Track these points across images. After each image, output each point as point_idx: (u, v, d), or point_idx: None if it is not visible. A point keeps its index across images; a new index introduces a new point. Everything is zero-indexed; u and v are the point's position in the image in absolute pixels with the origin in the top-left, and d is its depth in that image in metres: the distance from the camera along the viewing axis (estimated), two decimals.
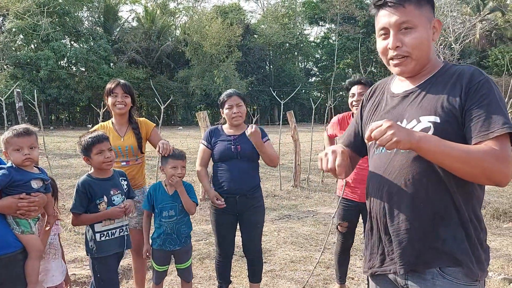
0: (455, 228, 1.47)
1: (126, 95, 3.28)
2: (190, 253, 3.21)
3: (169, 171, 3.02)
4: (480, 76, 1.48)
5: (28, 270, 2.20)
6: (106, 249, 2.68)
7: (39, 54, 33.09)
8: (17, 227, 2.17)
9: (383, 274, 1.64)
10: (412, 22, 1.50)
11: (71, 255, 4.65)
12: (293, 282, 3.94)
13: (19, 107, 5.49)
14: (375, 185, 1.63)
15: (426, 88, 1.56)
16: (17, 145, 2.17)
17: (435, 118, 1.48)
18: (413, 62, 1.54)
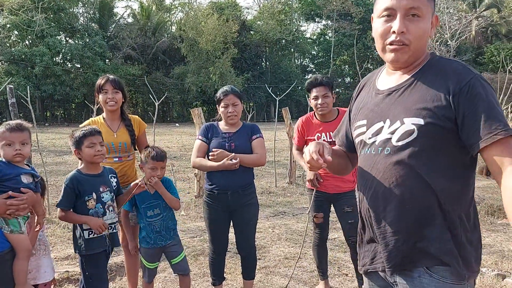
0: (440, 229, 1.45)
1: (116, 90, 3.25)
2: (180, 246, 3.18)
3: (148, 172, 3.00)
4: (469, 75, 1.42)
5: (16, 271, 2.18)
6: (95, 247, 2.65)
7: (34, 50, 32.87)
8: (6, 226, 2.14)
9: (374, 271, 1.63)
10: (421, 10, 1.45)
11: (64, 252, 4.62)
12: (287, 279, 3.93)
13: (11, 103, 5.44)
14: (362, 185, 1.61)
15: (411, 86, 1.51)
16: (9, 140, 2.15)
17: (418, 120, 1.44)
18: (410, 52, 1.49)
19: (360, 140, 1.64)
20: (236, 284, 3.78)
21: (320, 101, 3.36)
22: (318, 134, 3.44)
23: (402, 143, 1.46)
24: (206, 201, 3.31)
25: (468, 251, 1.46)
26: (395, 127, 1.48)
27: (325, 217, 3.54)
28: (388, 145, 1.50)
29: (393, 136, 1.49)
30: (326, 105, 3.36)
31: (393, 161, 1.48)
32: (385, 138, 1.51)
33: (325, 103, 3.35)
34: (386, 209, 1.50)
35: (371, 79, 1.73)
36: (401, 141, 1.46)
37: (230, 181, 3.15)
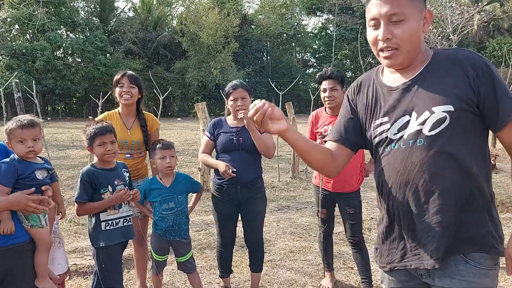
0: (480, 212, 1.50)
1: (132, 85, 3.27)
2: (189, 247, 3.23)
3: (159, 163, 3.05)
4: (479, 59, 1.50)
5: (37, 263, 2.22)
6: (110, 239, 2.69)
7: (35, 44, 32.83)
8: (26, 221, 2.17)
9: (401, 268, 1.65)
10: (404, 14, 1.48)
11: (71, 245, 4.66)
12: (293, 272, 3.98)
13: (17, 98, 5.46)
14: (395, 182, 1.59)
15: (427, 79, 1.54)
16: (21, 137, 2.16)
17: (448, 107, 1.47)
18: (402, 55, 1.52)
19: (385, 137, 1.62)
20: (242, 277, 3.82)
21: (327, 93, 3.39)
22: (325, 127, 3.46)
23: (435, 132, 1.49)
24: (215, 195, 3.34)
25: (500, 229, 1.54)
26: (424, 118, 1.50)
27: (329, 213, 3.57)
28: (420, 136, 1.51)
29: (423, 126, 1.51)
30: (333, 98, 3.38)
31: (429, 151, 1.50)
32: (415, 130, 1.52)
33: (332, 96, 3.37)
34: (429, 200, 1.51)
35: (371, 78, 1.73)
36: (434, 130, 1.49)
37: (240, 175, 3.18)
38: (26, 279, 2.17)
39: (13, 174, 2.11)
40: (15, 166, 2.13)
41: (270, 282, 3.76)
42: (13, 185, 2.11)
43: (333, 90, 3.38)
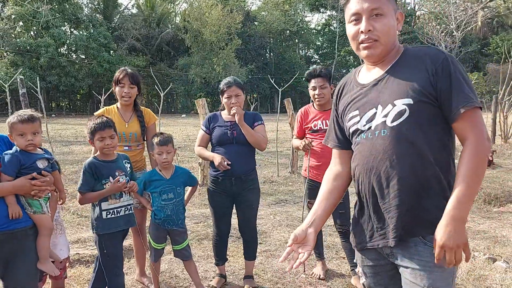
0: (437, 198, 1.62)
1: (132, 85, 3.43)
2: (185, 235, 3.38)
3: (157, 157, 3.23)
4: (441, 55, 1.63)
5: (39, 246, 2.37)
6: (112, 226, 2.86)
7: (39, 41, 33.04)
8: (30, 207, 2.33)
9: (370, 248, 1.80)
10: (382, 10, 1.65)
11: (74, 236, 4.83)
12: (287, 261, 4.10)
13: (22, 94, 5.63)
14: (362, 169, 1.74)
15: (394, 74, 1.69)
16: (21, 131, 2.30)
17: (408, 100, 1.61)
18: (381, 46, 1.68)
19: (355, 129, 1.79)
20: (238, 266, 3.97)
21: (317, 91, 3.53)
22: (315, 122, 3.60)
23: (396, 123, 1.64)
24: (211, 187, 3.50)
25: None
26: (388, 110, 1.66)
27: None
28: (384, 127, 1.67)
29: (387, 118, 1.66)
30: (323, 95, 3.53)
31: (391, 141, 1.65)
32: (380, 122, 1.68)
33: (322, 93, 3.52)
34: (390, 185, 1.66)
35: (350, 78, 1.91)
36: (396, 121, 1.64)
37: (234, 167, 3.33)
38: (29, 260, 2.33)
39: (16, 164, 2.26)
40: (18, 157, 2.29)
41: (264, 270, 3.92)
42: (16, 174, 2.26)
43: (322, 88, 3.52)
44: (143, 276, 3.68)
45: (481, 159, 1.56)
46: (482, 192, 7.00)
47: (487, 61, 46.17)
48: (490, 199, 6.74)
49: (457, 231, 1.51)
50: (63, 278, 2.89)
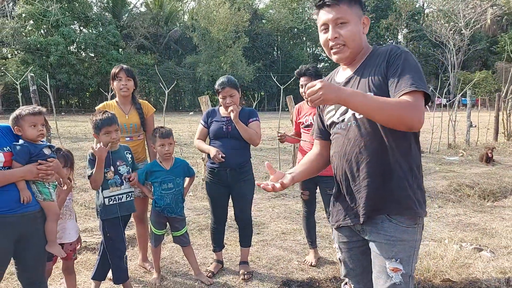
0: (400, 180, 1.85)
1: (129, 78, 3.68)
2: (184, 223, 3.62)
3: (159, 150, 3.46)
4: (397, 50, 1.84)
5: (47, 230, 2.61)
6: (114, 212, 3.11)
7: (49, 39, 33.53)
8: (40, 195, 2.57)
9: (345, 225, 2.04)
10: (346, 18, 1.87)
11: (82, 226, 5.09)
12: (281, 249, 4.35)
13: (33, 91, 5.90)
14: (338, 155, 1.99)
15: (361, 72, 1.92)
16: (33, 122, 2.54)
17: (370, 94, 1.82)
18: (348, 50, 1.91)
19: (331, 122, 2.04)
20: (235, 253, 4.20)
21: (304, 89, 3.73)
22: (306, 117, 3.83)
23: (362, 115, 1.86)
24: (208, 177, 3.73)
25: (420, 195, 1.89)
26: None
27: (311, 195, 3.94)
28: (354, 119, 1.90)
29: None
30: None
31: (360, 130, 1.88)
32: (351, 114, 1.91)
33: None
34: (359, 169, 1.89)
35: (331, 77, 2.15)
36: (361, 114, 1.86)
37: (229, 159, 3.55)
38: (38, 241, 2.57)
39: (26, 154, 2.50)
40: (28, 147, 2.53)
41: (259, 257, 4.14)
42: (26, 163, 2.50)
43: None
44: (145, 261, 3.93)
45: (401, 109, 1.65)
46: (478, 187, 7.17)
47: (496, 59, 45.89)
48: (486, 194, 6.91)
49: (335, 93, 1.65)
50: (72, 259, 3.14)
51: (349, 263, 2.12)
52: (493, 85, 41.28)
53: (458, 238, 4.63)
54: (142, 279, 3.68)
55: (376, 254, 1.92)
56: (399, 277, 1.84)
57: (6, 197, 2.38)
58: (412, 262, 1.88)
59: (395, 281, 1.84)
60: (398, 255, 1.85)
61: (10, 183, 2.39)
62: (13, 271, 3.40)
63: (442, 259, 3.94)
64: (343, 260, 2.15)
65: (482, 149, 10.78)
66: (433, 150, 11.81)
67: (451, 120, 12.40)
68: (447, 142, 12.59)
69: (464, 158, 10.79)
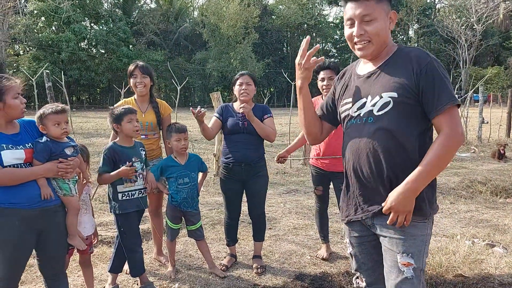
0: None
1: (144, 75, 3.71)
2: (199, 217, 3.69)
3: (174, 145, 3.51)
4: (427, 59, 1.84)
5: (68, 223, 2.68)
6: (127, 207, 3.18)
7: (60, 36, 33.84)
8: (60, 190, 2.63)
9: (355, 220, 2.07)
10: (373, 15, 1.86)
11: (97, 220, 5.16)
12: (294, 244, 4.40)
13: (48, 87, 6.00)
14: (350, 150, 2.01)
15: (385, 69, 1.93)
16: (56, 121, 2.59)
17: (393, 94, 1.86)
18: (373, 46, 1.92)
19: (347, 114, 2.06)
20: (248, 248, 4.25)
21: (325, 82, 3.76)
22: None
23: (381, 113, 1.89)
24: (222, 173, 3.78)
25: (431, 194, 1.92)
26: (376, 101, 1.91)
27: (324, 190, 3.97)
28: (371, 115, 1.92)
29: (374, 108, 1.91)
30: (330, 87, 3.75)
31: (375, 128, 1.90)
32: (368, 110, 1.94)
33: (330, 84, 3.74)
34: (372, 165, 1.91)
35: (351, 68, 2.17)
36: (381, 111, 1.89)
37: (244, 154, 3.61)
38: (59, 234, 2.63)
39: (47, 152, 2.56)
40: (49, 146, 2.58)
41: (272, 252, 4.19)
42: (46, 161, 2.56)
43: (330, 79, 3.74)
44: (160, 255, 3.99)
45: (449, 148, 1.78)
46: (490, 184, 7.14)
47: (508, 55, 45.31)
48: (498, 191, 6.87)
49: (406, 199, 1.80)
50: (89, 253, 3.21)
51: (360, 257, 2.14)
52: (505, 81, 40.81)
53: (470, 234, 4.64)
54: (158, 272, 3.75)
55: (387, 249, 1.95)
56: (410, 271, 1.87)
57: (27, 192, 2.44)
58: (423, 257, 1.90)
59: (407, 275, 1.87)
60: (409, 250, 1.88)
61: (30, 180, 2.45)
62: (31, 264, 3.52)
63: (454, 255, 3.95)
64: (354, 255, 2.18)
65: (494, 146, 10.71)
66: None
67: (462, 117, 12.32)
68: None
69: (476, 155, 10.73)
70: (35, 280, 3.51)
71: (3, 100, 2.34)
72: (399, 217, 1.83)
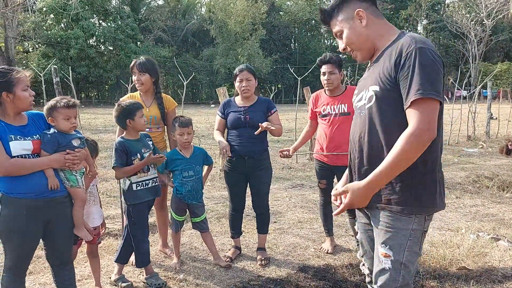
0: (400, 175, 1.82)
1: (142, 73, 3.73)
2: (203, 209, 3.74)
3: (178, 138, 3.56)
4: (410, 46, 1.75)
5: (74, 215, 2.74)
6: (140, 197, 3.25)
7: (69, 33, 34.06)
8: (68, 182, 2.68)
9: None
10: (339, 30, 1.99)
11: (104, 213, 5.23)
12: (298, 237, 4.43)
13: (56, 82, 6.08)
14: (350, 139, 2.09)
15: (377, 62, 1.94)
16: (67, 115, 2.64)
17: (375, 87, 1.88)
18: (357, 52, 2.01)
19: (355, 105, 2.11)
20: (252, 240, 4.29)
21: (326, 77, 3.77)
22: (324, 107, 3.85)
23: (368, 105, 1.93)
24: (227, 165, 3.82)
25: (419, 191, 1.85)
26: (366, 94, 1.95)
27: (328, 184, 3.99)
28: (363, 107, 1.97)
29: (366, 101, 1.95)
30: (331, 81, 3.76)
31: (363, 119, 1.95)
32: (363, 103, 1.98)
33: (330, 79, 3.75)
34: (362, 155, 1.97)
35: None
36: (368, 104, 1.93)
37: (247, 148, 3.64)
38: (65, 224, 2.69)
39: (54, 144, 2.61)
40: (56, 137, 2.63)
41: (277, 244, 4.23)
42: (54, 152, 2.61)
43: (331, 73, 3.75)
44: (166, 247, 4.05)
45: (409, 146, 1.68)
46: (497, 179, 7.11)
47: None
48: (505, 186, 6.84)
49: (362, 194, 1.82)
50: (97, 243, 3.27)
51: (365, 245, 2.18)
52: None
53: (475, 228, 4.63)
54: (163, 263, 3.81)
55: (374, 238, 2.00)
56: (388, 263, 1.89)
57: (35, 182, 2.50)
58: (404, 251, 1.87)
59: (384, 266, 1.90)
60: (388, 242, 1.89)
61: (37, 170, 2.50)
62: (39, 255, 3.59)
63: (459, 248, 3.96)
64: (360, 241, 2.22)
65: (502, 141, 10.64)
66: (452, 142, 11.70)
67: (470, 112, 12.25)
68: (467, 134, 12.44)
69: (484, 150, 10.67)
70: (42, 271, 3.58)
71: (13, 92, 2.39)
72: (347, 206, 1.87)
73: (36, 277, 3.49)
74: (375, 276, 1.96)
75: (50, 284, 3.28)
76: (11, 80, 2.38)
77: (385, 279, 1.91)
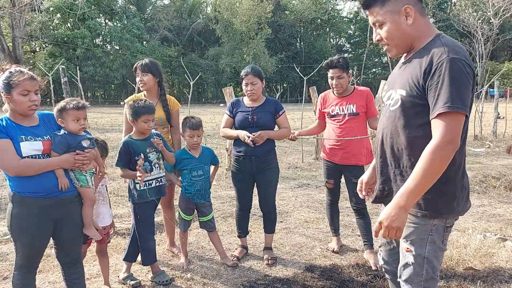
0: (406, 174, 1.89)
1: (144, 73, 3.75)
2: (211, 209, 3.77)
3: (187, 139, 3.60)
4: (442, 56, 1.73)
5: (84, 214, 2.77)
6: (144, 196, 3.28)
7: (76, 32, 34.26)
8: (77, 182, 2.72)
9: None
10: (380, 20, 1.90)
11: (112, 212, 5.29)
12: (304, 237, 4.44)
13: (64, 82, 6.13)
14: (377, 135, 2.11)
15: (408, 63, 1.93)
16: (76, 117, 2.67)
17: (403, 92, 1.88)
18: (393, 48, 1.95)
19: (383, 100, 2.13)
20: (259, 240, 4.31)
21: (334, 81, 3.77)
22: (332, 107, 3.86)
23: (393, 108, 1.94)
24: (234, 165, 3.85)
25: (435, 199, 1.84)
26: (393, 95, 1.97)
27: (335, 183, 4.00)
28: (389, 108, 1.98)
29: (392, 102, 1.97)
30: (340, 85, 3.77)
31: (388, 120, 1.97)
32: (389, 103, 2.00)
33: (339, 83, 3.75)
34: (385, 156, 1.99)
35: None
36: (393, 106, 1.95)
37: (253, 148, 3.65)
38: (74, 224, 2.72)
39: (64, 144, 2.64)
40: (66, 138, 2.66)
41: (283, 244, 4.24)
42: (64, 153, 2.64)
43: (339, 78, 3.75)
44: (173, 246, 4.08)
45: (435, 159, 1.68)
46: (504, 179, 7.07)
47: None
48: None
49: (397, 216, 1.75)
50: (106, 242, 3.30)
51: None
52: None
53: (482, 228, 4.62)
54: (170, 262, 3.84)
55: None
56: (411, 257, 1.92)
57: (45, 182, 2.53)
58: (426, 245, 1.89)
59: (407, 260, 1.94)
60: (409, 237, 1.92)
61: (47, 171, 2.54)
62: (49, 253, 3.63)
63: (465, 248, 3.96)
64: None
65: (509, 141, 10.58)
66: None
67: (477, 111, 12.19)
68: (474, 134, 12.39)
69: (491, 150, 10.61)
70: (52, 270, 3.62)
71: (10, 94, 2.42)
72: (390, 232, 1.78)
73: (46, 276, 3.53)
74: (400, 270, 2.00)
75: (60, 283, 3.32)
76: (11, 84, 2.41)
77: (409, 273, 1.95)
